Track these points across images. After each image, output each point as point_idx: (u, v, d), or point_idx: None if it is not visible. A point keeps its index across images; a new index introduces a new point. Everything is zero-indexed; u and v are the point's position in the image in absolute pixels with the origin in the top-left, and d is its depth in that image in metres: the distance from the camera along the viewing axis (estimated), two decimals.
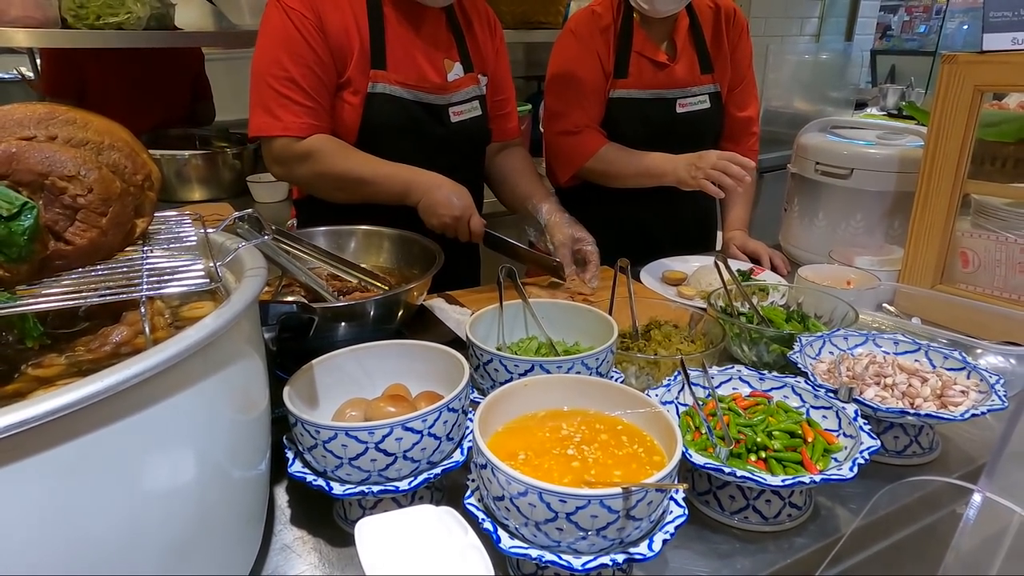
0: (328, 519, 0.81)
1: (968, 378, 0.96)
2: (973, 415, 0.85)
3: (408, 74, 1.40)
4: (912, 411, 0.87)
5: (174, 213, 0.81)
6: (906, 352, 1.04)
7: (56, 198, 0.61)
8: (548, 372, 0.87)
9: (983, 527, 0.42)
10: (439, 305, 1.26)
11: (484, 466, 0.65)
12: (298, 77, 1.31)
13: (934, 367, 1.00)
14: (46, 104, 0.68)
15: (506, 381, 0.84)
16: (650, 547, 0.64)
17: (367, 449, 0.71)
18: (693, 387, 0.89)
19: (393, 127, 1.41)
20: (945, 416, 0.86)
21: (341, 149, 1.37)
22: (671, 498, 0.69)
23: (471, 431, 0.70)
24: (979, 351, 1.12)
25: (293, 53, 1.30)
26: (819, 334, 1.07)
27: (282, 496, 0.85)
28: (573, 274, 1.42)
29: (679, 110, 1.71)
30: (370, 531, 0.61)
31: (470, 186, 1.62)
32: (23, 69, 2.77)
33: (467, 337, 0.94)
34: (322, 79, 1.34)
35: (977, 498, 0.41)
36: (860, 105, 4.25)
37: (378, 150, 1.39)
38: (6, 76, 2.93)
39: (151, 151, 0.75)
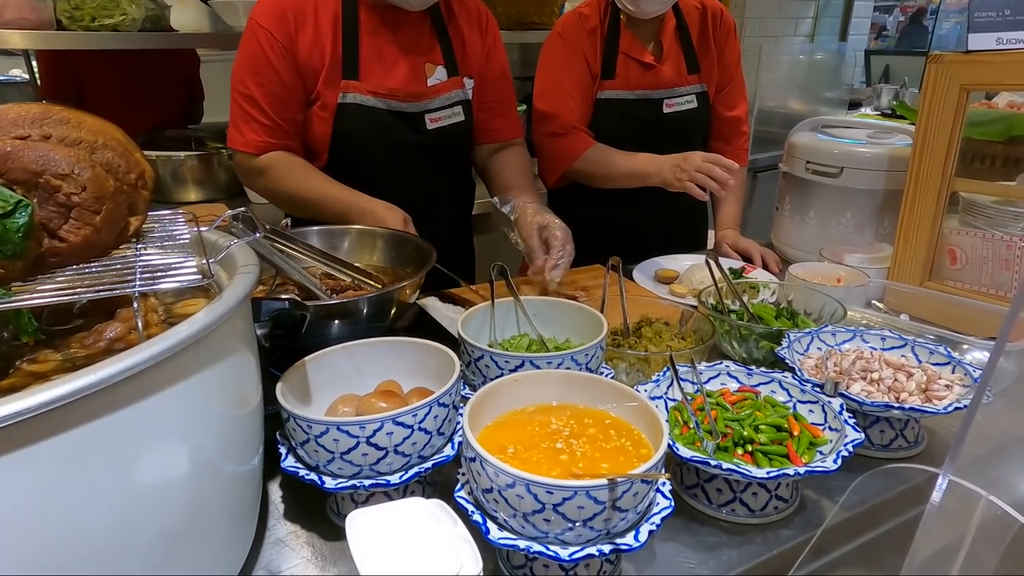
0: (321, 514, 0.82)
1: (953, 372, 0.97)
2: (957, 408, 0.87)
3: (380, 82, 1.40)
4: (897, 405, 0.89)
5: (168, 212, 0.82)
6: (893, 348, 1.05)
7: (50, 196, 0.62)
8: (538, 368, 0.88)
9: (951, 512, 0.44)
10: (432, 303, 1.27)
11: (473, 459, 0.66)
12: (259, 97, 1.36)
13: (920, 362, 1.01)
14: (40, 104, 0.68)
15: (497, 377, 0.85)
16: (636, 538, 0.65)
17: (358, 443, 0.72)
18: (682, 382, 0.90)
19: (364, 137, 1.42)
20: (929, 409, 0.87)
21: (295, 168, 1.40)
22: (658, 490, 0.70)
23: (462, 425, 0.71)
24: (966, 347, 1.13)
25: (257, 74, 1.35)
26: (807, 330, 1.08)
27: (276, 492, 0.86)
28: (543, 263, 1.30)
29: (666, 110, 1.72)
30: (360, 523, 0.62)
31: (452, 193, 1.60)
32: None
33: (459, 334, 0.95)
34: (283, 100, 1.38)
35: (943, 482, 0.42)
36: (854, 105, 4.27)
37: (350, 160, 1.41)
38: (3, 78, 2.94)
39: (147, 152, 0.76)
